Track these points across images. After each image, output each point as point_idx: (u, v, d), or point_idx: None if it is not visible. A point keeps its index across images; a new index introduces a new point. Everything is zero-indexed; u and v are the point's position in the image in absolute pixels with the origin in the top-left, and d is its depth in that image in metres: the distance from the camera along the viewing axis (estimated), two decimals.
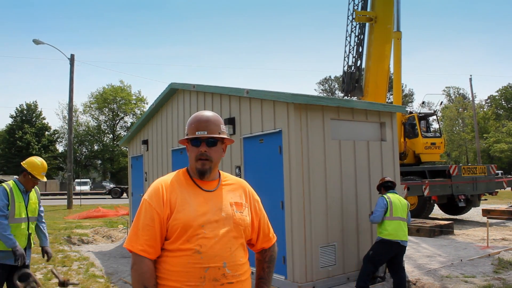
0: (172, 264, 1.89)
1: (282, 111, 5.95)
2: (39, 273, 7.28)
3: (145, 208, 1.94)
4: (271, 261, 2.26)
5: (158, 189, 1.97)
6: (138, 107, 62.13)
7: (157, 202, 1.93)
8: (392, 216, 5.43)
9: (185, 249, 1.88)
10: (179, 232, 1.89)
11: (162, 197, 1.94)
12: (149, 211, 1.93)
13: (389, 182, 5.81)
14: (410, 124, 15.86)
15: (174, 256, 1.90)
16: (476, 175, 13.97)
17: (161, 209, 1.92)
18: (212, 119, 2.04)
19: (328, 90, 72.56)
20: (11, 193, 4.38)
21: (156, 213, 1.91)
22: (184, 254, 1.88)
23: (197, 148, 2.00)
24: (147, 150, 10.65)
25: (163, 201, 1.93)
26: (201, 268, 1.86)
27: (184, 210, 1.92)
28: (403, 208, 5.55)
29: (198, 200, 1.97)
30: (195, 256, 1.87)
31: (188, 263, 1.86)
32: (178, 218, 1.90)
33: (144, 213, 1.94)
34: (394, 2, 13.93)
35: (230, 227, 1.97)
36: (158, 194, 1.95)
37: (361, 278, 5.39)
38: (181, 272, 1.87)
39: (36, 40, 22.62)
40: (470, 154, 57.40)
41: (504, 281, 6.14)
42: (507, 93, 66.81)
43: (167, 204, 1.93)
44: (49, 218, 16.84)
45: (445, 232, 10.78)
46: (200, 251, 1.87)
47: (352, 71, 15.18)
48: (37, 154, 53.87)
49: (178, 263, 1.88)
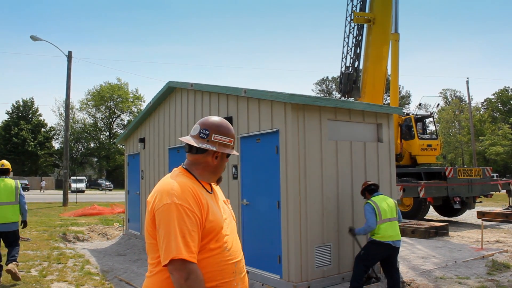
0: (205, 266, 1.89)
1: (279, 111, 5.96)
2: (34, 270, 7.27)
3: (185, 212, 1.85)
4: None
5: (191, 192, 1.92)
6: (135, 105, 62.04)
7: (195, 205, 1.90)
8: (382, 219, 5.39)
9: (215, 248, 1.93)
10: (214, 233, 1.94)
11: (197, 199, 1.92)
12: (190, 216, 1.86)
13: (372, 185, 5.76)
14: (406, 125, 15.92)
15: (206, 257, 1.90)
16: (472, 177, 14.05)
17: (200, 212, 1.91)
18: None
19: (325, 90, 72.66)
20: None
21: (198, 217, 1.89)
22: (215, 253, 1.93)
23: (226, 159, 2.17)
24: (144, 148, 10.64)
25: (199, 204, 1.92)
26: (232, 263, 1.97)
27: (214, 212, 1.98)
28: (391, 208, 5.49)
29: (213, 201, 2.07)
30: (225, 254, 1.96)
31: (221, 261, 1.93)
32: (213, 220, 1.95)
33: (185, 217, 1.84)
34: (392, 4, 13.96)
35: (234, 223, 2.17)
36: (193, 196, 1.92)
37: (354, 278, 5.40)
38: (215, 271, 1.91)
39: (33, 37, 22.54)
40: (466, 156, 57.63)
41: (497, 283, 6.18)
42: (503, 96, 67.16)
43: (203, 207, 1.93)
44: (45, 215, 16.80)
45: (440, 234, 10.84)
46: (228, 247, 1.97)
47: (349, 72, 15.21)
48: (33, 150, 53.74)
49: (210, 263, 1.90)
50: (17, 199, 6.64)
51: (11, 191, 6.59)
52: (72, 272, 7.27)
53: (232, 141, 2.14)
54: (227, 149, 2.12)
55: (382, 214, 5.39)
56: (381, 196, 5.64)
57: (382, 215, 5.39)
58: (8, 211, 6.50)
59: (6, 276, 6.58)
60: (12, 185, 6.64)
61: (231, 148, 2.14)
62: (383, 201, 5.52)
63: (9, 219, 6.50)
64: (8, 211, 6.50)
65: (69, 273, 7.14)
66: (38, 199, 27.96)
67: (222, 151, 2.10)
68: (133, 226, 10.94)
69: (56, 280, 6.65)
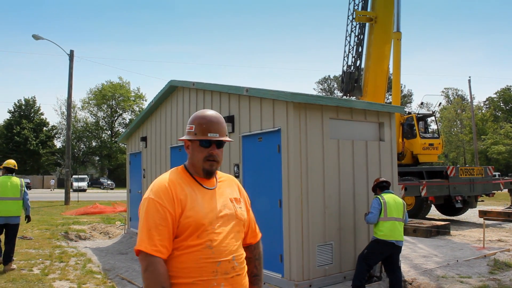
0: (182, 261, 1.90)
1: (281, 110, 5.96)
2: (36, 268, 7.29)
3: (156, 207, 1.90)
4: (260, 257, 2.30)
5: (166, 188, 1.94)
6: (137, 104, 62.06)
7: (168, 201, 1.91)
8: (387, 216, 5.40)
9: (196, 245, 1.90)
10: (191, 229, 1.90)
11: (171, 195, 1.92)
12: (161, 211, 1.89)
13: (384, 182, 5.78)
14: (408, 124, 15.88)
15: (183, 253, 1.91)
16: (474, 176, 14.02)
17: (173, 208, 1.91)
18: (221, 121, 2.08)
19: (327, 89, 72.60)
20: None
21: (168, 212, 1.89)
22: (195, 250, 1.90)
23: (206, 149, 2.02)
24: (145, 147, 10.65)
25: (174, 199, 1.92)
26: (213, 262, 1.90)
27: (194, 208, 1.93)
28: (398, 208, 5.51)
29: (204, 197, 2.00)
30: (207, 251, 1.90)
31: (200, 259, 1.89)
32: (190, 216, 1.91)
33: (154, 212, 1.89)
34: (394, 3, 13.92)
35: (234, 222, 2.03)
36: (168, 192, 1.93)
37: (357, 277, 5.41)
38: (192, 268, 1.89)
39: (35, 36, 22.55)
40: (467, 155, 57.55)
41: (499, 282, 6.17)
42: (505, 95, 66.99)
43: (178, 202, 1.93)
44: (47, 214, 16.84)
45: (442, 233, 10.83)
46: (211, 246, 1.91)
47: (351, 71, 15.19)
48: (35, 149, 53.85)
49: (189, 259, 1.90)
50: (22, 196, 7.38)
51: (17, 188, 7.35)
52: (74, 270, 7.28)
53: (193, 127, 2.04)
54: (188, 136, 2.04)
55: (388, 212, 5.40)
56: (391, 195, 5.66)
57: (388, 213, 5.40)
58: (13, 206, 7.28)
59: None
60: (17, 182, 7.40)
61: (193, 135, 2.03)
62: (392, 200, 5.54)
63: (13, 212, 7.26)
64: (13, 206, 7.28)
65: (71, 272, 7.16)
66: (41, 197, 28.03)
67: (181, 139, 2.11)
68: (134, 224, 10.95)
69: (58, 279, 6.66)
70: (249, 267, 2.22)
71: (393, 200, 5.54)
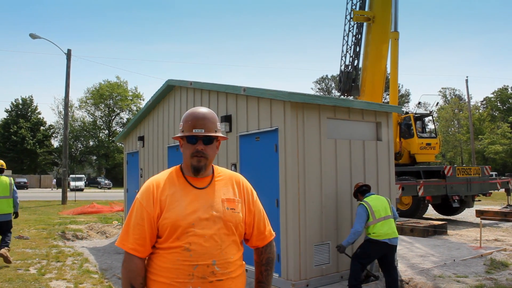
0: (163, 261, 1.92)
1: (278, 109, 5.96)
2: (32, 268, 7.27)
3: (137, 207, 1.97)
4: (268, 263, 2.17)
5: (149, 188, 1.98)
6: (134, 103, 61.95)
7: (147, 202, 1.95)
8: (376, 219, 5.38)
9: (175, 247, 1.90)
10: (169, 231, 1.90)
11: (152, 196, 1.96)
12: (139, 211, 1.95)
13: (364, 186, 5.77)
14: (406, 124, 15.92)
15: (164, 253, 1.92)
16: (471, 176, 14.06)
17: (151, 209, 1.94)
18: (208, 117, 2.04)
19: (325, 89, 72.66)
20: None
21: (146, 213, 1.93)
22: (174, 251, 1.90)
23: (193, 145, 2.00)
24: (143, 146, 10.63)
25: (153, 200, 1.95)
26: (190, 265, 1.87)
27: (173, 209, 1.92)
28: (384, 206, 5.48)
29: (188, 198, 1.96)
30: (184, 254, 1.88)
31: (178, 260, 1.88)
32: (168, 217, 1.91)
33: (135, 212, 1.96)
34: (392, 3, 13.94)
35: (221, 224, 1.95)
36: (149, 193, 1.97)
37: (352, 277, 5.40)
38: (170, 268, 1.89)
39: (32, 35, 22.47)
40: (465, 155, 57.69)
41: (496, 281, 6.19)
42: (502, 95, 67.23)
43: (157, 203, 1.94)
44: (44, 213, 16.79)
45: (439, 232, 10.85)
46: (189, 248, 1.88)
47: (349, 70, 15.21)
48: (32, 149, 53.71)
49: (168, 260, 1.90)
50: (11, 194, 7.69)
51: (6, 187, 7.62)
52: (71, 270, 7.26)
53: (181, 125, 2.05)
54: (178, 134, 2.07)
55: (376, 214, 5.38)
56: (374, 196, 5.64)
57: (376, 215, 5.38)
58: (4, 204, 7.57)
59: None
60: (7, 181, 7.67)
61: (181, 132, 2.04)
62: (376, 201, 5.51)
63: (4, 210, 7.57)
64: (4, 204, 7.57)
65: (68, 271, 7.14)
66: (38, 197, 27.94)
67: (173, 138, 2.12)
68: None
69: (55, 278, 6.65)
70: (256, 271, 2.18)
71: (377, 200, 5.51)
